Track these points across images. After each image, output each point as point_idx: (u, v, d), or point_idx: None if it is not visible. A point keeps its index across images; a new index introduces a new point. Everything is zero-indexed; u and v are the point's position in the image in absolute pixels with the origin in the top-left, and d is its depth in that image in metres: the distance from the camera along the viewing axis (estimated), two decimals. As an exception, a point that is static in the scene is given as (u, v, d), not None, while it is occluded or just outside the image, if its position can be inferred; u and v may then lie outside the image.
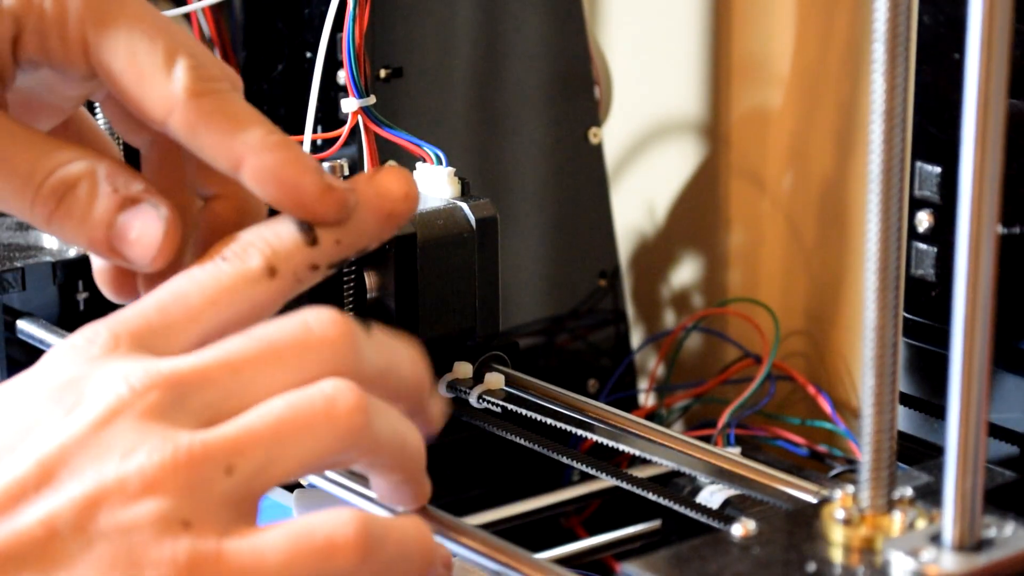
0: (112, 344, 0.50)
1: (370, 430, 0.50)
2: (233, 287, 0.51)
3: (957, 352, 0.48)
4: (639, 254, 0.99)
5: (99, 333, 0.50)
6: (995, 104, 0.46)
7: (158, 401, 0.48)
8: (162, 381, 0.48)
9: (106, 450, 0.47)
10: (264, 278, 0.51)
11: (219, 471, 0.47)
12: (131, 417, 0.47)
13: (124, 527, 0.46)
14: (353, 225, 0.53)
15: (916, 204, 0.67)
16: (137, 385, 0.48)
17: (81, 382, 0.48)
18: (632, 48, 0.98)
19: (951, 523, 0.49)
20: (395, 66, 0.82)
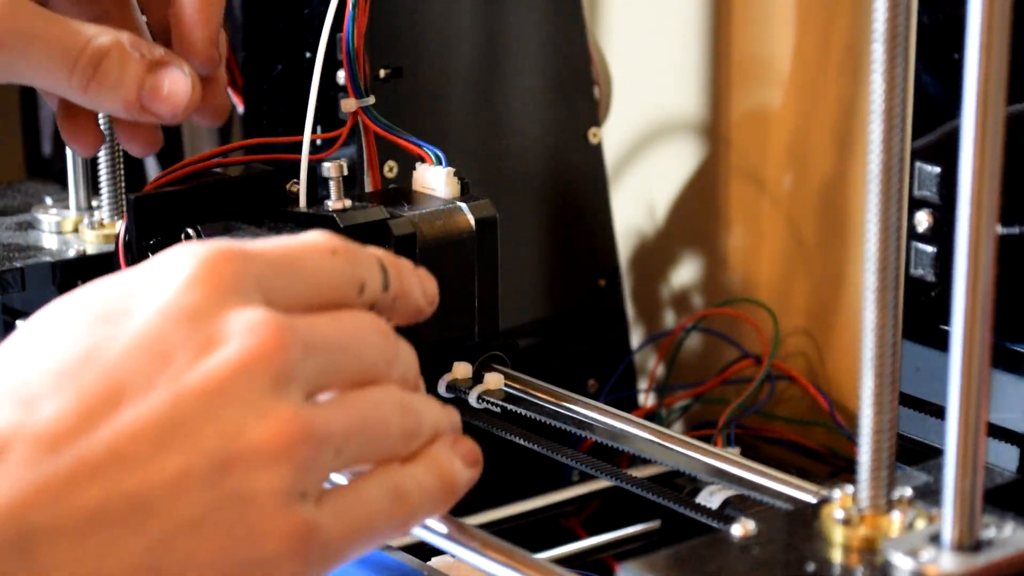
0: (240, 277, 0.49)
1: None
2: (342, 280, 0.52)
3: (957, 352, 0.48)
4: (639, 254, 0.99)
5: (229, 260, 0.49)
6: (995, 104, 0.46)
7: (289, 363, 0.48)
8: (294, 342, 0.48)
9: (243, 407, 0.47)
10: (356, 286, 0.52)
11: (332, 451, 0.48)
12: (266, 376, 0.47)
13: (251, 492, 0.46)
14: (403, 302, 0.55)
15: (916, 204, 0.67)
16: (273, 342, 0.47)
17: (215, 319, 0.47)
18: (632, 48, 0.98)
19: (950, 523, 0.49)
20: (395, 66, 0.82)
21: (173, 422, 0.46)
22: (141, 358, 0.46)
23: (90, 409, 0.46)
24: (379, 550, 0.68)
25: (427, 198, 0.72)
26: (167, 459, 0.46)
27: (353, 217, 0.68)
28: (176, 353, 0.47)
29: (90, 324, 0.47)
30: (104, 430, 0.45)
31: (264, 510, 0.47)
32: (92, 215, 0.81)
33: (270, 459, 0.47)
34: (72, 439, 0.45)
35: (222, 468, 0.46)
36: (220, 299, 0.48)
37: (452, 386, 0.70)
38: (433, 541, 0.62)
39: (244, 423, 0.46)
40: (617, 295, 0.91)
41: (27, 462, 0.45)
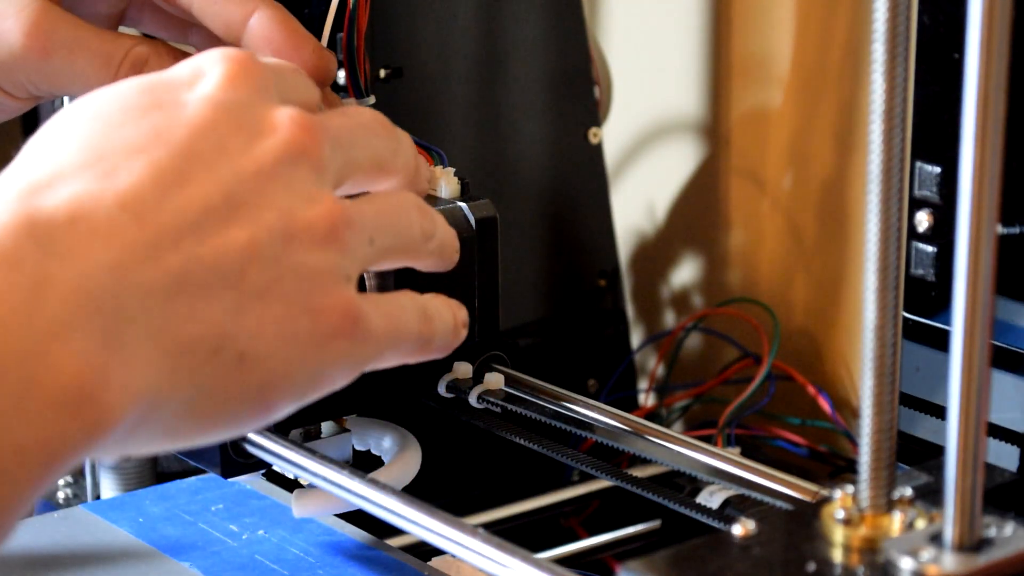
0: (267, 78, 0.52)
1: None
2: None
3: (957, 352, 0.48)
4: (639, 254, 0.99)
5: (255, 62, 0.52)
6: (995, 104, 0.46)
7: (324, 155, 0.51)
8: (325, 137, 0.51)
9: (294, 190, 0.50)
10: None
11: (367, 239, 0.52)
12: (307, 165, 0.50)
13: (310, 268, 0.49)
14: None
15: (916, 204, 0.67)
16: (310, 135, 0.51)
17: (258, 112, 0.51)
18: (632, 48, 0.98)
19: (951, 523, 0.49)
20: (395, 66, 0.82)
21: (237, 199, 0.48)
22: (201, 141, 0.49)
23: (164, 181, 0.48)
24: (379, 550, 0.69)
25: (428, 198, 0.72)
26: (236, 231, 0.48)
27: (353, 217, 0.68)
28: (230, 140, 0.49)
29: (146, 112, 0.49)
30: (179, 200, 0.48)
31: (320, 285, 0.50)
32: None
33: (321, 239, 0.50)
34: (152, 206, 0.47)
35: (282, 242, 0.49)
36: (258, 95, 0.51)
37: (452, 386, 0.70)
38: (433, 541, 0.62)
39: (295, 205, 0.49)
40: (617, 295, 0.91)
41: (113, 224, 0.46)
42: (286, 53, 0.65)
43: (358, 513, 0.65)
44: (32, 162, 0.48)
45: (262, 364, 0.49)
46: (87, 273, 0.45)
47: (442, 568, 0.67)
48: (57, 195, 0.47)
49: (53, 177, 0.47)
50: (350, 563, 0.68)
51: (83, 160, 0.48)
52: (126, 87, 0.51)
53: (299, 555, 0.68)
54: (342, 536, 0.70)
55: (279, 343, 0.49)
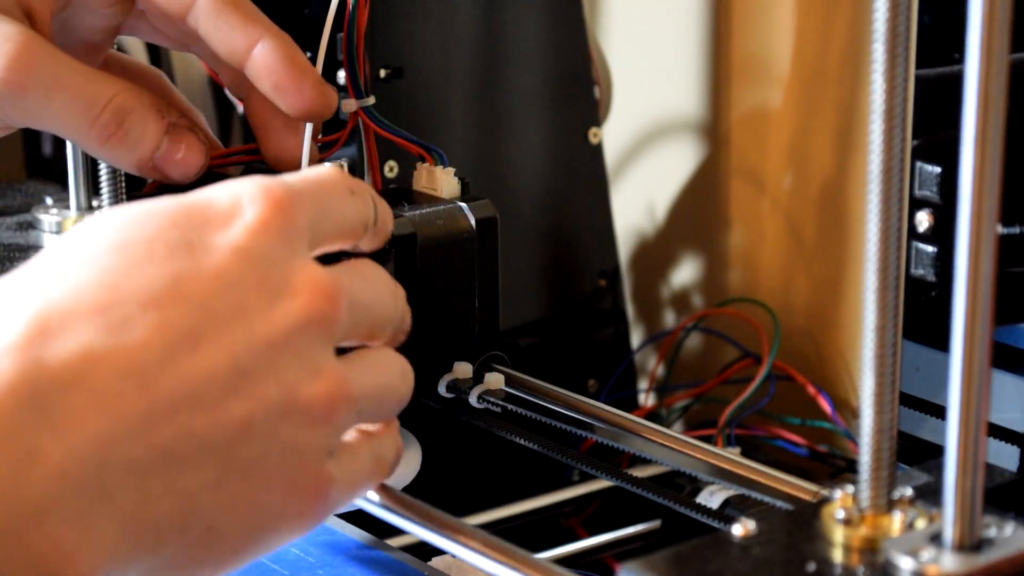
0: (301, 223, 0.51)
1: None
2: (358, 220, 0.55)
3: (957, 352, 0.48)
4: (639, 254, 0.99)
5: (292, 203, 0.50)
6: (995, 104, 0.46)
7: (340, 323, 0.50)
8: (344, 304, 0.51)
9: (302, 360, 0.49)
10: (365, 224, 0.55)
11: (355, 413, 0.51)
12: (322, 334, 0.50)
13: (298, 445, 0.49)
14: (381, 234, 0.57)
15: (916, 204, 0.67)
16: (332, 304, 0.50)
17: (285, 268, 0.49)
18: (632, 48, 0.98)
19: (951, 523, 0.49)
20: (395, 66, 0.82)
21: (244, 368, 0.48)
22: (222, 299, 0.48)
23: (174, 344, 0.47)
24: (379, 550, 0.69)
25: (427, 198, 0.72)
26: (235, 405, 0.47)
27: (353, 217, 0.68)
28: (251, 298, 0.48)
29: (172, 252, 0.48)
30: (185, 367, 0.47)
31: (303, 465, 0.49)
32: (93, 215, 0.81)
33: (318, 417, 0.49)
34: (157, 373, 0.46)
35: (279, 418, 0.48)
36: (289, 246, 0.50)
37: (452, 386, 0.70)
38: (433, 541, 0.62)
39: (300, 379, 0.49)
40: (617, 295, 0.91)
41: (115, 391, 0.45)
42: (286, 87, 0.65)
43: (358, 513, 0.65)
44: (47, 281, 0.47)
45: (228, 537, 0.48)
46: (77, 448, 0.45)
47: (442, 568, 0.67)
48: (66, 345, 0.45)
49: (65, 314, 0.46)
50: (350, 563, 0.68)
51: (97, 301, 0.46)
52: (160, 213, 0.49)
53: (299, 555, 0.68)
54: (342, 536, 0.70)
55: (249, 518, 0.48)
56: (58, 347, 0.45)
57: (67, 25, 0.67)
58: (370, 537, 0.70)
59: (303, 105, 0.65)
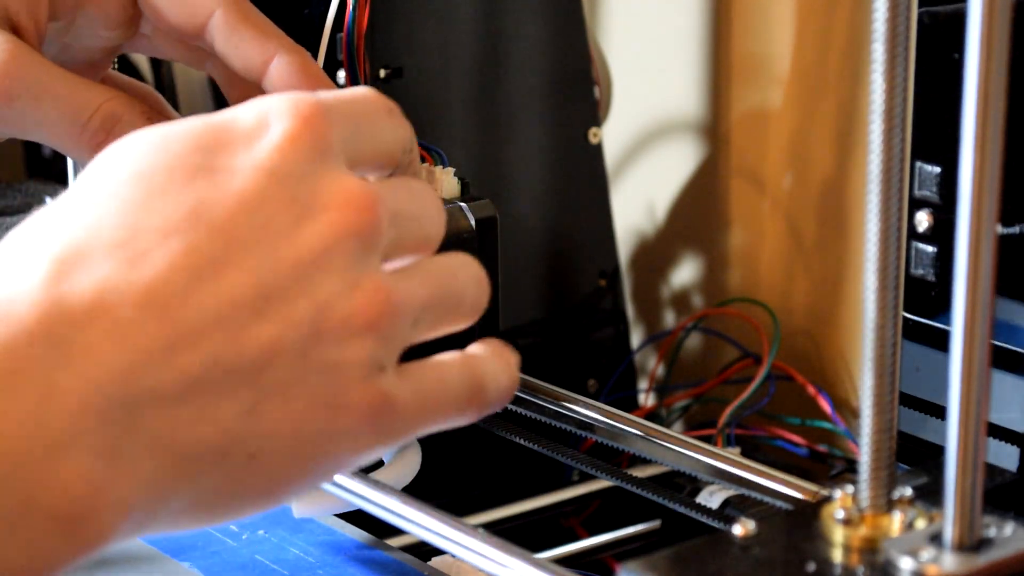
0: (332, 138, 0.49)
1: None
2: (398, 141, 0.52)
3: (957, 352, 0.48)
4: (639, 254, 0.99)
5: (323, 118, 0.48)
6: (995, 104, 0.46)
7: (379, 234, 0.48)
8: (384, 215, 0.48)
9: (335, 279, 0.47)
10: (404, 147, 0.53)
11: (408, 322, 0.49)
12: (358, 247, 0.47)
13: (337, 364, 0.47)
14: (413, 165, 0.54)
15: (916, 204, 0.67)
16: (367, 215, 0.48)
17: (313, 183, 0.47)
18: (632, 48, 0.98)
19: (951, 523, 0.49)
20: (395, 66, 0.82)
21: (270, 291, 0.46)
22: (245, 222, 0.46)
23: (195, 271, 0.46)
24: (379, 550, 0.69)
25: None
26: (262, 327, 0.46)
27: (353, 217, 0.68)
28: (277, 219, 0.47)
29: (193, 177, 0.47)
30: (206, 294, 0.46)
31: (347, 381, 0.47)
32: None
33: (357, 331, 0.47)
34: (177, 301, 0.45)
35: (312, 339, 0.46)
36: (318, 161, 0.48)
37: (452, 386, 0.70)
38: (433, 541, 0.62)
39: (335, 296, 0.47)
40: (617, 295, 0.91)
41: (133, 323, 0.45)
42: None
43: (358, 513, 0.65)
44: (67, 218, 0.47)
45: (273, 463, 0.47)
46: (96, 380, 0.44)
47: (442, 568, 0.67)
48: (83, 281, 0.45)
49: (84, 251, 0.45)
50: (350, 563, 0.68)
51: (116, 237, 0.46)
52: (180, 137, 0.48)
53: (299, 555, 0.68)
54: (342, 536, 0.70)
55: (294, 442, 0.47)
56: (75, 284, 0.45)
57: (68, 47, 0.66)
58: (370, 537, 0.70)
59: None
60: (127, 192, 0.47)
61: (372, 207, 0.48)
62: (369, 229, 0.48)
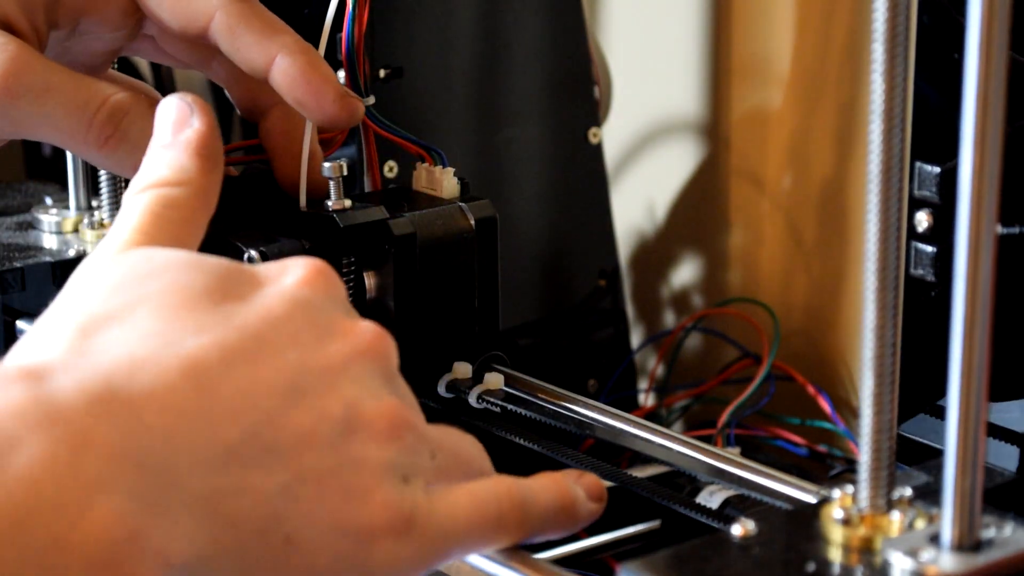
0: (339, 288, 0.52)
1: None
2: None
3: (957, 352, 0.48)
4: (639, 254, 0.99)
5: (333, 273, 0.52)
6: (994, 104, 0.46)
7: (389, 358, 0.51)
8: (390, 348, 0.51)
9: (360, 388, 0.49)
10: None
11: (427, 449, 0.51)
12: (375, 366, 0.50)
13: (366, 460, 0.48)
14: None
15: (915, 204, 0.67)
16: (382, 340, 0.51)
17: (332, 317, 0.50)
18: (632, 48, 0.98)
19: (950, 523, 0.49)
20: (395, 66, 0.82)
21: (302, 385, 0.48)
22: (273, 332, 0.48)
23: (231, 359, 0.47)
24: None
25: (427, 198, 0.72)
26: (297, 415, 0.47)
27: (353, 217, 0.68)
28: (303, 335, 0.49)
29: (224, 297, 0.49)
30: (243, 378, 0.47)
31: (374, 479, 0.48)
32: (92, 215, 0.81)
33: (382, 435, 0.49)
34: (215, 379, 0.46)
35: (344, 433, 0.48)
36: (332, 299, 0.51)
37: (452, 386, 0.70)
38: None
39: (362, 400, 0.49)
40: (617, 295, 0.91)
41: (175, 388, 0.45)
42: (307, 100, 0.64)
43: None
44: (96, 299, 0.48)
45: (308, 551, 0.47)
46: (136, 434, 0.44)
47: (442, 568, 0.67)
48: (118, 347, 0.46)
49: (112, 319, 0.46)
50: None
51: (151, 328, 0.47)
52: (212, 268, 0.50)
53: (299, 555, 0.68)
54: (342, 536, 0.70)
55: (328, 533, 0.47)
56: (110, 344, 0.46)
57: (68, 49, 0.66)
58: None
59: (325, 118, 0.65)
60: (160, 299, 0.48)
61: (385, 335, 0.51)
62: (385, 353, 0.51)
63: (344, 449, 0.48)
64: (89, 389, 0.45)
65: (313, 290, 0.51)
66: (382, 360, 0.51)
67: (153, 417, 0.45)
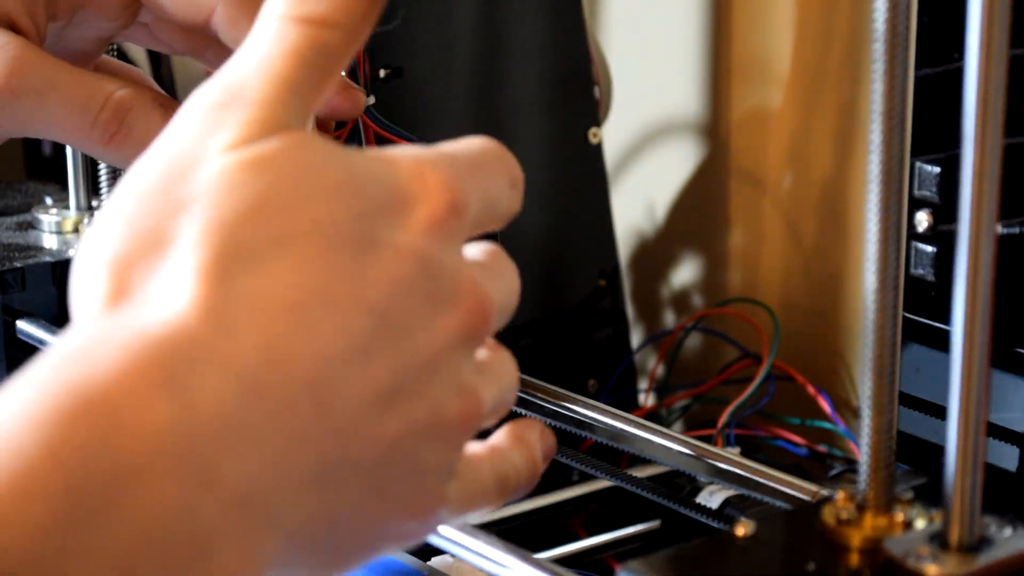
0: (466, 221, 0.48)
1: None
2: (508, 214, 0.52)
3: (957, 352, 0.48)
4: (639, 254, 0.99)
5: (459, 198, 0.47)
6: (994, 104, 0.46)
7: (484, 335, 0.48)
8: (493, 315, 0.48)
9: (451, 379, 0.47)
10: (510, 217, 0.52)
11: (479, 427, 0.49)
12: (469, 350, 0.48)
13: (429, 466, 0.47)
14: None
15: (915, 204, 0.68)
16: (485, 321, 0.48)
17: (448, 279, 0.47)
18: (632, 48, 0.98)
19: (950, 523, 0.49)
20: (395, 66, 0.82)
21: (401, 387, 0.45)
22: (394, 310, 0.45)
23: (349, 356, 0.44)
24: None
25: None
26: (388, 424, 0.45)
27: (353, 217, 0.68)
28: (420, 310, 0.46)
29: (355, 247, 0.45)
30: (355, 384, 0.45)
31: (427, 487, 0.47)
32: (92, 215, 0.81)
33: (453, 440, 0.47)
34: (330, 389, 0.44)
35: (423, 439, 0.46)
36: (455, 246, 0.47)
37: (452, 386, 0.70)
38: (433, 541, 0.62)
39: (446, 398, 0.47)
40: (617, 295, 0.91)
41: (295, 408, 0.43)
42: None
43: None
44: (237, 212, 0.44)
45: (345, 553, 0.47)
46: (253, 471, 0.43)
47: (442, 568, 0.67)
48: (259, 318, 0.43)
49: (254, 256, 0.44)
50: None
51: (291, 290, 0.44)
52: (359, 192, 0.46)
53: (299, 555, 0.68)
54: (342, 536, 0.70)
55: (370, 540, 0.47)
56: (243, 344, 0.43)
57: (63, 36, 0.66)
58: (370, 537, 0.70)
59: (327, 109, 0.64)
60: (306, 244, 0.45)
61: (491, 313, 0.48)
62: (484, 332, 0.48)
63: (415, 456, 0.46)
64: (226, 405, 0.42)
65: (439, 236, 0.46)
66: (478, 339, 0.48)
67: (270, 444, 0.43)
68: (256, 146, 0.46)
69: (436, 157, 0.48)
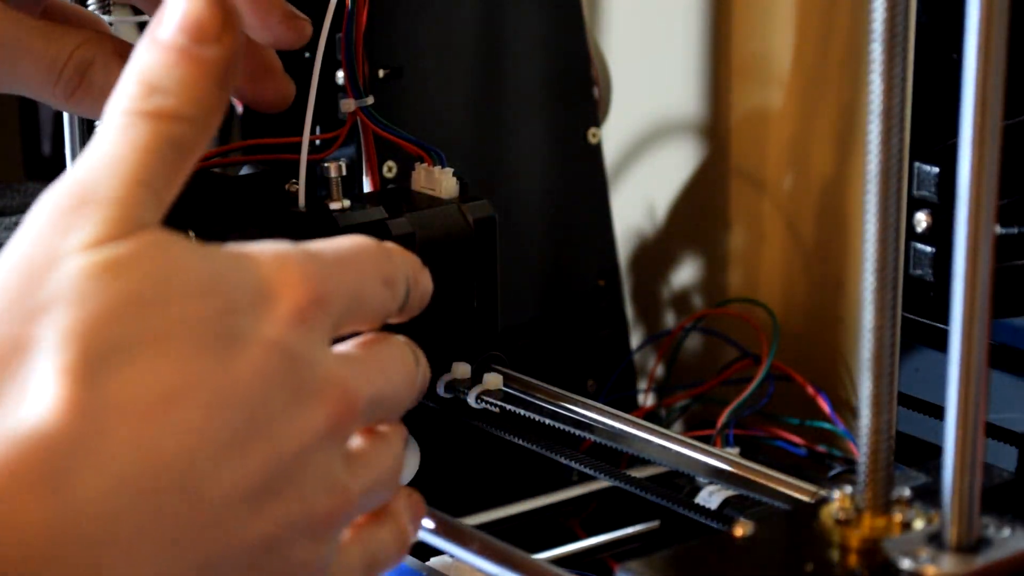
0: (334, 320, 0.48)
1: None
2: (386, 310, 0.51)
3: (956, 352, 0.48)
4: (639, 254, 0.99)
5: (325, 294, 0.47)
6: (993, 104, 0.46)
7: (353, 428, 0.48)
8: (362, 407, 0.48)
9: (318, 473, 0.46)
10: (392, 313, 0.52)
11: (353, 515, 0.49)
12: (336, 444, 0.47)
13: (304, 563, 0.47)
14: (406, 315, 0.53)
15: (914, 204, 0.67)
16: (352, 415, 0.47)
17: (312, 372, 0.46)
18: (632, 48, 0.98)
19: (949, 523, 0.49)
20: (395, 66, 0.82)
21: (271, 485, 0.45)
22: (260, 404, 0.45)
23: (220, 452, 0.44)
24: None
25: (426, 198, 0.72)
26: (259, 524, 0.45)
27: (352, 217, 0.68)
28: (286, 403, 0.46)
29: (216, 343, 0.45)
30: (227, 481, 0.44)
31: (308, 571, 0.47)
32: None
33: (324, 536, 0.47)
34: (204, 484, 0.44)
35: (296, 537, 0.46)
36: (320, 340, 0.47)
37: (451, 386, 0.70)
38: (433, 541, 0.62)
39: (317, 495, 0.47)
40: (617, 295, 0.91)
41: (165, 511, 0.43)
42: (252, 19, 0.62)
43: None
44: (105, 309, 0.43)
45: None
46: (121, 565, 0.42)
47: (441, 568, 0.67)
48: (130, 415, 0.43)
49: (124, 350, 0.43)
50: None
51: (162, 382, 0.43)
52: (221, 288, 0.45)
53: (298, 555, 0.68)
54: (341, 536, 0.70)
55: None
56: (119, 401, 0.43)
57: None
58: (369, 537, 0.70)
59: (272, 37, 0.64)
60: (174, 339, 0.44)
61: (356, 406, 0.47)
62: (350, 425, 0.47)
63: (289, 554, 0.46)
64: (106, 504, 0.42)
65: (303, 328, 0.46)
66: (345, 432, 0.47)
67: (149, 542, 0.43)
68: (113, 246, 0.45)
69: (299, 252, 0.48)
